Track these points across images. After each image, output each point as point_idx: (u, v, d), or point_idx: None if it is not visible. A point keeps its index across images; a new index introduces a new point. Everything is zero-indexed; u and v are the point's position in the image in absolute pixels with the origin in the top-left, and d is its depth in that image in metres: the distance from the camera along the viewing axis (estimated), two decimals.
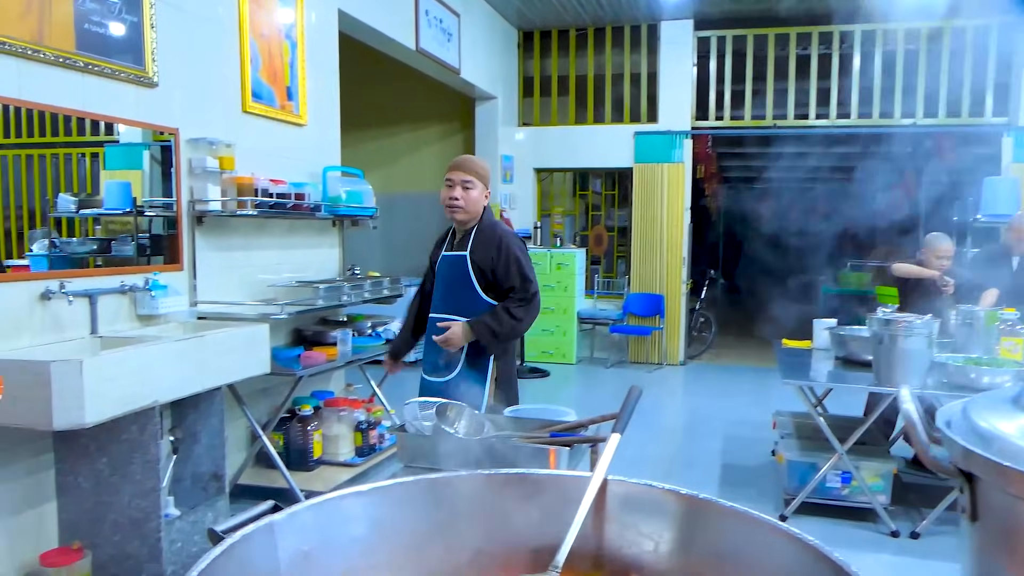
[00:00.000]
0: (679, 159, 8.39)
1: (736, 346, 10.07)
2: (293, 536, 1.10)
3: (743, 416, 6.14)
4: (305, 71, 4.58)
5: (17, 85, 2.80)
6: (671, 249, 8.42)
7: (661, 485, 1.32)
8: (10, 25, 2.73)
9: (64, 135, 3.12)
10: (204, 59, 3.79)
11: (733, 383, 7.76)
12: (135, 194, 3.50)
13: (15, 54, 2.77)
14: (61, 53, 2.94)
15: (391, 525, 1.22)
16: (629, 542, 1.28)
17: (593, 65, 8.78)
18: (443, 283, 3.15)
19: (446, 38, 6.79)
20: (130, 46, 3.28)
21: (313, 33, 4.69)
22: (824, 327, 4.68)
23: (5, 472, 2.86)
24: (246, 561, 1.01)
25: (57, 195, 3.19)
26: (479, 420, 2.41)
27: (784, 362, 4.33)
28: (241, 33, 4.00)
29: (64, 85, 3.00)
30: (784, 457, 4.09)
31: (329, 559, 1.14)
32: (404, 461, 2.26)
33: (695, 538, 1.23)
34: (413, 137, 9.15)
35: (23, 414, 2.53)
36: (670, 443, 5.41)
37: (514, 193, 8.83)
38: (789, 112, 8.22)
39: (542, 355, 8.47)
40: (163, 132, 3.55)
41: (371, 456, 4.49)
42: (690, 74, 8.42)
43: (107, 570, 3.04)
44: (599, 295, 8.98)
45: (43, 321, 2.97)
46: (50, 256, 3.13)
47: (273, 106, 4.30)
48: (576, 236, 9.41)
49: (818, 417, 3.95)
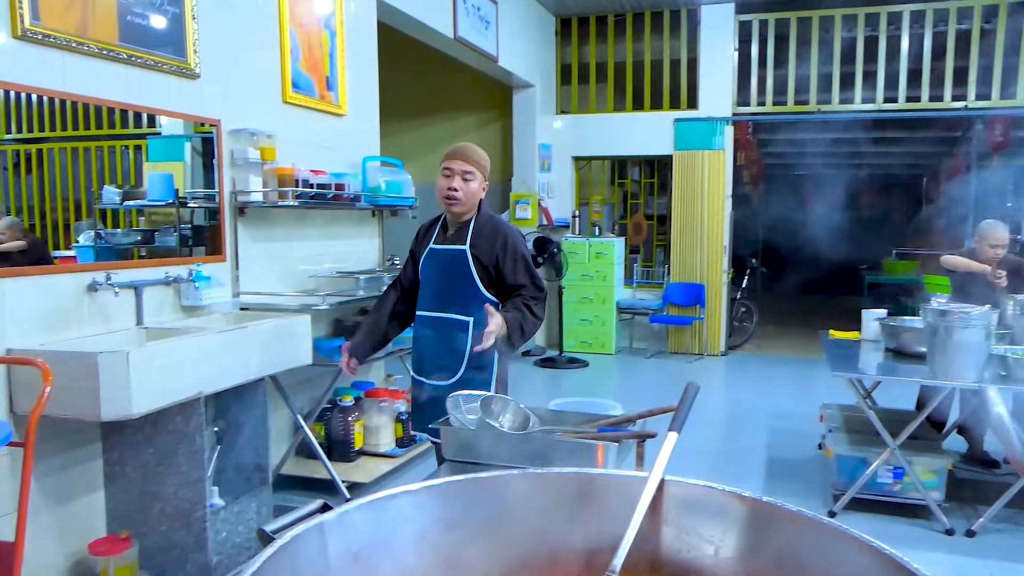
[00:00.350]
0: (720, 146, 8.24)
1: (778, 336, 9.90)
2: (342, 536, 1.07)
3: (787, 408, 6.03)
4: (344, 61, 4.57)
5: (62, 78, 2.82)
6: (712, 238, 8.29)
7: (722, 487, 1.26)
8: (55, 18, 2.74)
9: (108, 127, 3.13)
10: (245, 50, 3.79)
11: (776, 374, 7.63)
12: (177, 185, 3.52)
13: (60, 47, 2.78)
14: (105, 45, 2.95)
15: (442, 525, 1.19)
16: (688, 546, 1.23)
17: (632, 51, 8.65)
18: (436, 278, 2.87)
19: (484, 26, 6.73)
20: (172, 37, 3.29)
21: (352, 22, 4.67)
22: (874, 318, 4.55)
23: (55, 462, 2.89)
24: (296, 562, 0.99)
25: (102, 187, 3.22)
26: (523, 414, 2.38)
27: (832, 354, 4.22)
28: (281, 23, 3.99)
29: (108, 77, 3.01)
30: (833, 451, 3.99)
31: (379, 560, 1.11)
32: (448, 455, 2.22)
33: (758, 543, 1.17)
34: (450, 126, 9.12)
35: (72, 405, 2.56)
36: (713, 436, 5.32)
37: (551, 182, 8.76)
38: (834, 97, 8.02)
39: (581, 345, 8.42)
40: (204, 124, 3.56)
41: (411, 447, 4.49)
42: (731, 59, 8.26)
43: (153, 559, 3.07)
44: (638, 284, 8.89)
45: (90, 312, 2.99)
46: (96, 247, 3.17)
47: (313, 96, 4.29)
48: (615, 225, 9.31)
49: (869, 410, 3.84)
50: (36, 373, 2.48)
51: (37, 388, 2.51)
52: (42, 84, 2.75)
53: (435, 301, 2.87)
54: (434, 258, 2.88)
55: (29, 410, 2.56)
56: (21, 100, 2.77)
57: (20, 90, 2.70)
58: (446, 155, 2.83)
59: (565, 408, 2.47)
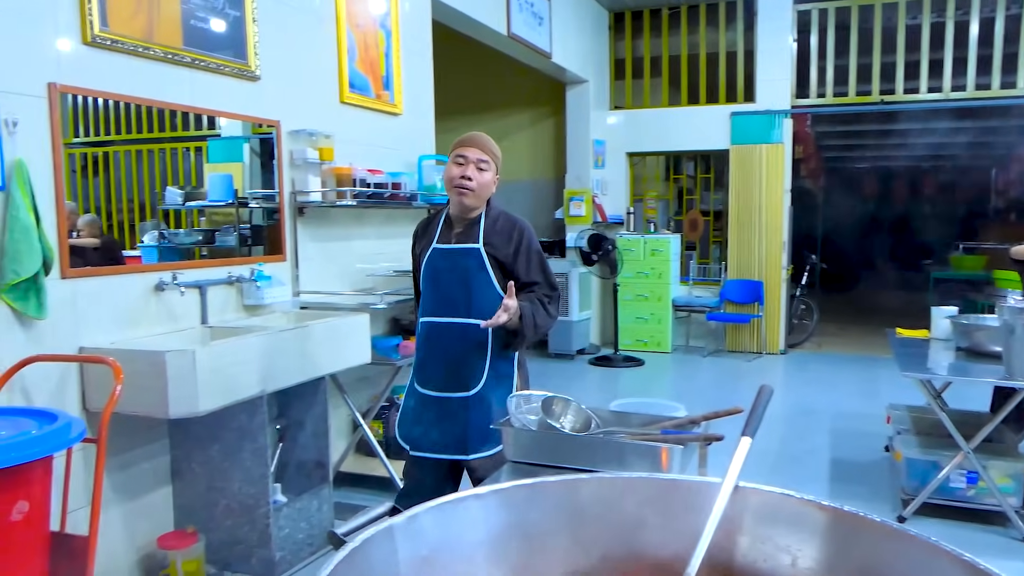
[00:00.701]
0: (778, 139, 8.06)
1: (839, 334, 9.66)
2: (412, 540, 1.06)
3: (850, 408, 5.87)
4: (400, 60, 4.59)
5: (130, 82, 2.88)
6: (770, 233, 8.12)
7: (800, 495, 1.22)
8: (123, 24, 2.81)
9: (170, 130, 3.19)
10: (303, 51, 3.83)
11: (838, 373, 7.44)
12: (236, 186, 3.58)
13: (127, 52, 2.85)
14: (169, 49, 3.01)
15: (511, 529, 1.17)
16: (764, 555, 1.19)
17: (687, 44, 8.52)
18: (445, 281, 2.58)
19: (537, 22, 6.70)
20: (233, 41, 3.34)
21: (407, 22, 4.69)
22: (944, 315, 4.39)
23: (125, 458, 2.96)
24: (368, 565, 0.98)
25: (165, 188, 3.28)
26: (585, 415, 2.35)
27: (901, 353, 4.08)
28: (338, 24, 4.03)
29: (173, 81, 3.07)
30: (902, 454, 3.86)
31: (449, 564, 1.09)
32: (509, 456, 2.21)
33: (839, 553, 1.13)
34: (503, 124, 9.11)
35: (141, 403, 2.62)
36: (774, 437, 5.20)
37: (606, 178, 8.69)
38: (898, 87, 7.77)
39: (636, 343, 8.33)
40: (263, 125, 3.61)
41: None
42: (789, 50, 8.07)
43: (219, 554, 3.13)
44: (694, 282, 8.76)
45: (157, 311, 3.06)
46: (159, 247, 3.23)
47: (369, 96, 4.32)
48: (670, 221, 9.19)
49: (941, 412, 3.71)
50: (107, 371, 2.55)
51: (108, 386, 2.58)
52: (111, 89, 2.82)
53: (445, 306, 2.58)
54: (443, 258, 2.59)
55: (100, 407, 2.64)
56: (88, 104, 2.83)
57: (90, 95, 2.77)
58: (458, 143, 2.58)
59: (627, 409, 2.44)
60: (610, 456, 2.07)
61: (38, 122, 2.57)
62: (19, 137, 2.49)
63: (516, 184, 9.05)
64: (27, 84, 2.53)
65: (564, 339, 7.99)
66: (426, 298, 2.63)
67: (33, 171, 2.51)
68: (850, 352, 8.54)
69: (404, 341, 4.09)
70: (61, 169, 2.64)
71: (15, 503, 2.00)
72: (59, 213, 2.65)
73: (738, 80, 8.34)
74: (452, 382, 2.58)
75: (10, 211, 2.44)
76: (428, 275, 2.61)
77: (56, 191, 2.64)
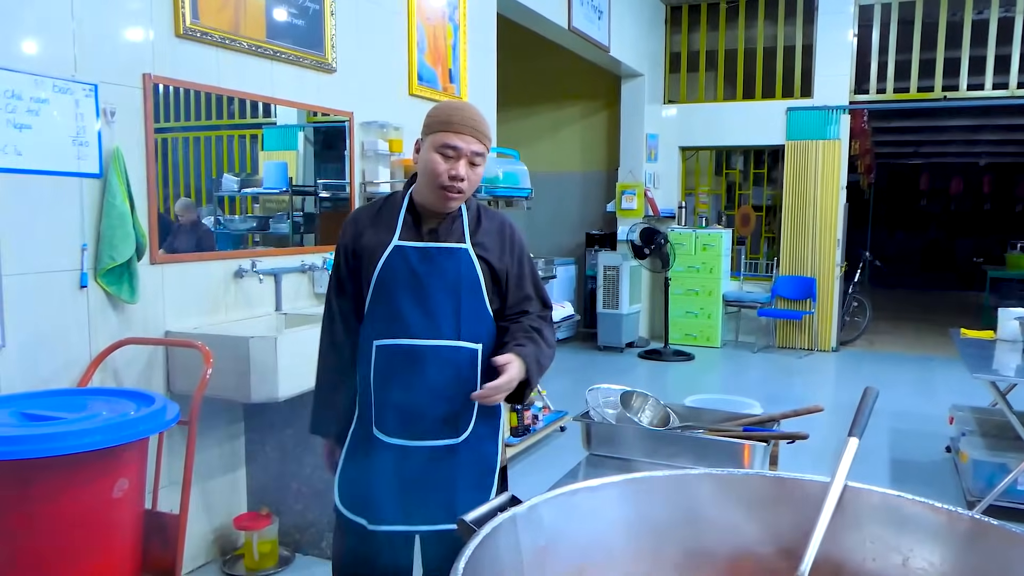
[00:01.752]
0: (835, 135, 7.93)
1: (892, 332, 9.49)
2: (532, 529, 1.09)
3: (908, 408, 5.77)
4: (466, 53, 4.61)
5: (216, 73, 2.95)
6: (824, 230, 7.99)
7: (911, 496, 1.22)
8: (212, 16, 2.87)
9: (227, 118, 3.21)
10: (376, 44, 3.88)
11: (892, 372, 7.30)
12: (290, 174, 3.61)
13: (215, 44, 2.92)
14: (254, 42, 3.07)
15: (624, 521, 1.19)
16: (874, 554, 1.20)
17: (743, 39, 8.41)
18: (421, 289, 1.88)
19: (596, 16, 6.67)
20: (312, 34, 3.39)
21: (474, 16, 4.71)
22: (1013, 317, 4.29)
23: (203, 440, 3.04)
24: (496, 551, 1.01)
25: (221, 175, 3.30)
26: (663, 410, 2.36)
27: (967, 354, 4.00)
28: (410, 18, 4.06)
29: (255, 72, 3.13)
30: (968, 455, 3.79)
31: (565, 553, 1.12)
32: (589, 449, 2.23)
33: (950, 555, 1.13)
34: (556, 116, 9.10)
35: (223, 387, 2.68)
36: (831, 435, 5.13)
37: (658, 172, 8.63)
38: (961, 83, 7.58)
39: (686, 338, 8.28)
40: (329, 114, 3.63)
41: (527, 436, 4.52)
42: (849, 45, 7.91)
43: (291, 536, 3.20)
44: (745, 277, 8.67)
45: (236, 297, 3.13)
46: (216, 233, 3.25)
47: (436, 88, 4.35)
48: (721, 216, 9.10)
49: (1011, 413, 3.63)
50: (192, 355, 2.63)
51: (192, 369, 2.67)
52: (199, 80, 2.88)
53: (421, 324, 1.87)
54: (420, 261, 1.88)
55: (184, 390, 2.72)
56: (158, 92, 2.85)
57: (180, 85, 2.83)
58: (444, 122, 1.86)
59: (703, 405, 2.44)
60: (690, 451, 2.08)
61: (133, 111, 2.65)
62: (116, 126, 2.57)
63: (567, 176, 9.04)
64: (124, 75, 2.61)
65: (614, 332, 7.97)
66: (382, 313, 1.90)
67: (127, 159, 2.59)
68: (904, 351, 8.39)
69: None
70: (153, 157, 2.71)
71: (116, 481, 2.07)
72: (150, 200, 2.73)
73: (795, 75, 8.21)
74: (436, 425, 1.90)
75: (107, 198, 2.52)
76: (388, 281, 1.88)
77: (148, 178, 2.71)
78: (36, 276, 2.39)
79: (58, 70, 2.41)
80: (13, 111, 2.27)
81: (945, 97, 7.68)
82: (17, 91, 2.27)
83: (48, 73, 2.37)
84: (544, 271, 4.80)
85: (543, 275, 4.82)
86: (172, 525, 2.37)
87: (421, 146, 1.90)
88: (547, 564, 1.08)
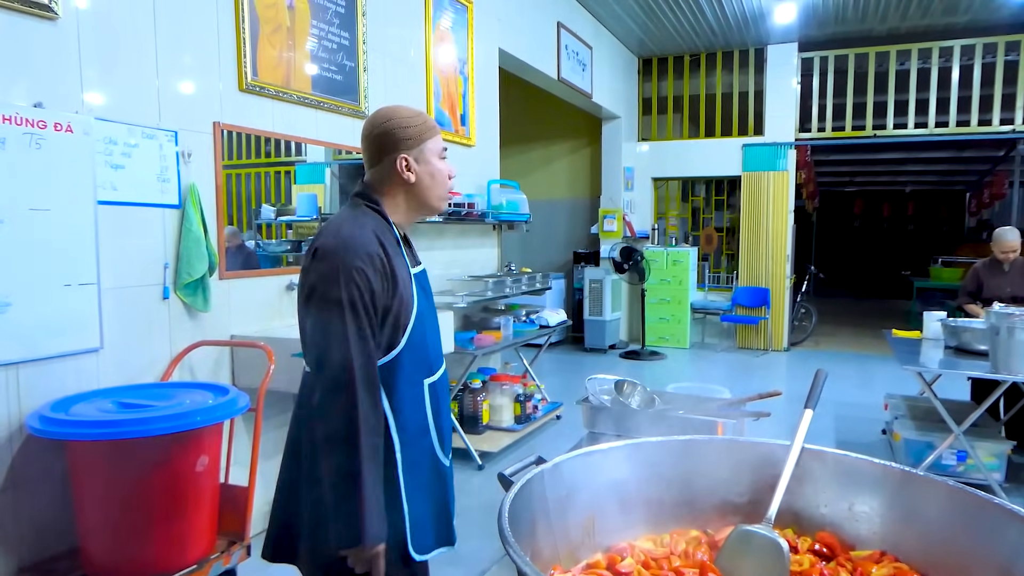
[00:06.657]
0: (783, 167, 8.09)
1: (834, 334, 9.61)
2: (556, 482, 1.20)
3: (849, 397, 5.88)
4: (474, 100, 4.74)
5: (271, 120, 3.06)
6: (776, 248, 8.13)
7: (855, 455, 1.34)
8: (268, 73, 2.99)
9: (265, 157, 3.27)
10: (400, 93, 4.00)
11: (835, 367, 7.40)
12: (320, 204, 3.67)
13: (270, 96, 3.03)
14: (301, 94, 3.19)
15: (629, 477, 1.30)
16: (825, 502, 1.31)
17: (704, 85, 8.58)
18: (434, 316, 1.56)
19: (581, 67, 6.82)
20: (348, 87, 3.51)
21: (480, 68, 4.84)
22: (935, 319, 4.42)
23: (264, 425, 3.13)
24: (529, 499, 1.12)
25: (260, 205, 3.35)
26: (649, 395, 2.47)
27: (899, 350, 4.12)
28: (428, 71, 4.19)
29: (303, 119, 3.25)
30: (900, 436, 3.91)
31: (582, 501, 1.22)
32: (588, 428, 2.33)
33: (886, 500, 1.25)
34: (546, 152, 9.24)
35: (280, 381, 2.76)
36: (784, 422, 5.25)
37: (634, 199, 8.76)
38: (888, 122, 7.76)
39: (659, 340, 8.39)
40: (353, 152, 3.73)
41: (528, 424, 4.61)
42: (794, 91, 8.09)
43: None
44: (709, 288, 8.80)
45: (286, 307, 3.23)
46: (257, 255, 3.32)
47: (450, 131, 4.47)
48: (688, 236, 9.24)
49: (936, 400, 3.75)
50: (253, 354, 2.72)
51: (253, 366, 2.76)
52: (258, 126, 3.00)
53: (439, 355, 1.56)
54: (426, 290, 1.55)
55: (247, 384, 2.81)
56: None
57: (243, 131, 2.94)
58: (432, 127, 1.53)
59: (682, 391, 2.55)
60: (675, 428, 2.18)
61: (205, 153, 2.76)
62: (192, 165, 2.68)
63: (557, 202, 9.17)
64: (198, 123, 2.72)
65: (598, 336, 8.08)
66: (421, 349, 1.47)
67: (201, 192, 2.69)
68: (844, 350, 8.51)
69: (478, 335, 4.23)
70: (221, 191, 2.82)
71: (199, 457, 2.16)
72: (219, 227, 2.83)
73: (749, 116, 8.37)
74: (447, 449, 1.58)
75: (185, 225, 2.62)
76: (422, 313, 1.48)
77: (217, 208, 2.82)
78: (127, 289, 2.48)
79: (145, 120, 2.52)
80: (111, 154, 2.37)
81: (875, 135, 7.85)
82: (114, 138, 2.38)
83: (138, 122, 2.48)
84: (540, 283, 4.90)
85: (538, 287, 4.93)
86: (241, 496, 2.46)
87: (413, 160, 1.47)
88: (568, 509, 1.19)
